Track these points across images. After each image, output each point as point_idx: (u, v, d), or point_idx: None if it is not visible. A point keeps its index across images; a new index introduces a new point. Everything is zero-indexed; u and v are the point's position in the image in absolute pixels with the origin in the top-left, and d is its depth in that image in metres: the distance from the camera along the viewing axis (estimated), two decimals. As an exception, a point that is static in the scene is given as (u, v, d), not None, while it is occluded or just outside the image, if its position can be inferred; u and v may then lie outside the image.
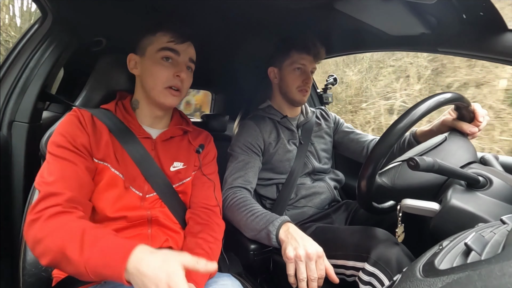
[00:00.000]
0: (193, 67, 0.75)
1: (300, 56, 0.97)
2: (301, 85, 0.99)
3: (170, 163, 0.73)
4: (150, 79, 0.69)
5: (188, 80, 0.72)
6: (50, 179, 0.57)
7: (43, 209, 0.53)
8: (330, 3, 0.79)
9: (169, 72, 0.68)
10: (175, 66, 0.69)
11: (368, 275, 0.64)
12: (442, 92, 0.62)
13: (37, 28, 0.85)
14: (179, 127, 0.77)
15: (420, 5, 0.72)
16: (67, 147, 0.60)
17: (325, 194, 1.02)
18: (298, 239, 0.68)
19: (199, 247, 0.65)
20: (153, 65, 0.68)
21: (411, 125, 0.58)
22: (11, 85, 0.81)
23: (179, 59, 0.69)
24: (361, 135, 1.10)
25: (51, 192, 0.55)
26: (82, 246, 0.48)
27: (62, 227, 0.51)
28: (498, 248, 0.29)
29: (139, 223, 0.66)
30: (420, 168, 0.52)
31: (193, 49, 0.74)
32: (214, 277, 0.64)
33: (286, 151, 1.00)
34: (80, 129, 0.63)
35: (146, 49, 0.70)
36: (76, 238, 0.49)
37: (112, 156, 0.65)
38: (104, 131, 0.66)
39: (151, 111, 0.73)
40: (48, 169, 0.59)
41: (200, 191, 0.76)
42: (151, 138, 0.71)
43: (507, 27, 0.70)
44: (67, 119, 0.64)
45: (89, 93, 0.80)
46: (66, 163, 0.59)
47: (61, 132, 0.62)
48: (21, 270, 0.64)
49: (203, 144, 0.79)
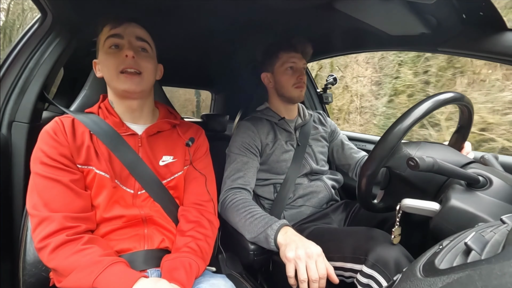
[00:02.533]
0: (148, 48, 0.71)
1: (289, 55, 0.99)
2: (296, 82, 0.99)
3: (159, 157, 0.72)
4: (105, 71, 0.68)
5: (144, 60, 0.68)
6: (40, 202, 0.58)
7: (43, 237, 0.56)
8: (330, 3, 0.79)
9: (118, 57, 0.66)
10: (122, 49, 0.68)
11: (366, 277, 0.64)
12: (443, 92, 0.62)
13: (36, 28, 0.85)
14: (166, 121, 0.75)
15: (420, 5, 0.72)
16: (48, 163, 0.61)
17: (323, 193, 1.02)
18: (297, 240, 0.68)
19: (186, 245, 0.64)
20: (104, 57, 0.68)
21: (412, 125, 0.58)
22: (11, 85, 0.81)
23: (124, 42, 0.68)
24: (354, 150, 1.13)
25: (44, 217, 0.57)
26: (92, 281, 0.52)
27: (70, 264, 0.54)
28: (498, 248, 0.29)
29: (134, 223, 0.66)
30: (420, 168, 0.52)
31: (140, 28, 0.71)
32: (207, 277, 0.63)
33: (283, 151, 1.00)
34: (56, 140, 0.63)
35: (99, 47, 0.71)
36: (87, 274, 0.53)
37: (95, 159, 0.65)
38: (86, 134, 0.66)
39: (124, 105, 0.71)
40: (37, 192, 0.59)
41: (192, 187, 0.75)
42: (136, 135, 0.70)
43: (507, 27, 0.70)
44: (42, 134, 0.64)
45: (89, 93, 0.80)
46: (51, 182, 0.60)
47: (40, 148, 0.62)
48: (21, 270, 0.64)
49: (193, 137, 0.78)
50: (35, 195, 0.59)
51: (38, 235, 0.56)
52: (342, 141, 1.15)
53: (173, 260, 0.61)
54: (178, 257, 0.61)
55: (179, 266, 0.59)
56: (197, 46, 1.26)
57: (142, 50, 0.70)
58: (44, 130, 0.65)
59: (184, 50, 1.35)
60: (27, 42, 0.84)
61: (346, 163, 1.12)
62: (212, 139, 1.43)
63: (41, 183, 0.60)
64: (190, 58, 1.51)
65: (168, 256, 0.63)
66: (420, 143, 0.67)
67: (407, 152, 0.64)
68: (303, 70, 1.02)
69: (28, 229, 0.67)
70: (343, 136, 1.18)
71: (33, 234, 0.57)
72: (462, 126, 0.73)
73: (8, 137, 0.79)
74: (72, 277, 0.53)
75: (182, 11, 0.91)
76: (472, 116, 0.70)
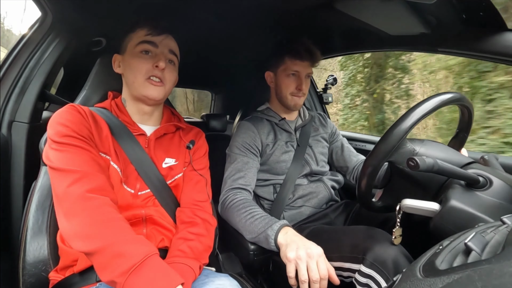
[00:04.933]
0: (175, 61, 0.74)
1: (293, 62, 0.98)
2: (295, 91, 0.99)
3: (162, 159, 0.73)
4: (130, 73, 0.69)
5: (170, 72, 0.71)
6: (70, 166, 0.54)
7: (90, 190, 0.52)
8: (330, 3, 0.79)
9: (148, 63, 0.68)
10: (154, 58, 0.69)
11: (364, 276, 0.64)
12: (444, 92, 0.62)
13: (36, 28, 0.85)
14: (172, 124, 0.77)
15: (419, 5, 0.72)
16: (73, 135, 0.58)
17: (322, 193, 1.02)
18: (297, 241, 0.68)
19: (177, 249, 0.64)
20: (133, 59, 0.69)
21: (413, 126, 0.58)
22: (11, 85, 0.81)
23: (157, 51, 0.70)
24: (353, 153, 1.13)
25: (86, 172, 0.54)
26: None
27: (117, 229, 0.51)
28: (498, 248, 0.29)
29: (134, 223, 0.66)
30: (420, 168, 0.52)
31: (174, 41, 0.74)
32: (211, 277, 0.63)
33: (283, 152, 1.00)
34: (82, 120, 0.61)
35: (127, 46, 0.71)
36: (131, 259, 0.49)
37: (113, 151, 0.65)
38: (104, 125, 0.66)
39: (138, 107, 0.72)
40: (62, 157, 0.55)
41: (189, 188, 0.75)
42: (145, 135, 0.72)
43: (507, 27, 0.70)
44: (66, 110, 0.62)
45: (89, 93, 0.80)
46: (79, 149, 0.57)
47: (63, 123, 0.58)
48: (21, 270, 0.64)
49: (194, 140, 0.79)
50: (65, 156, 0.55)
51: (85, 186, 0.53)
52: (342, 143, 1.15)
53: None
54: (170, 262, 0.60)
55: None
56: (197, 46, 1.26)
57: (170, 62, 0.72)
58: (63, 111, 0.61)
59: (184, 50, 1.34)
60: (27, 42, 0.84)
61: (344, 166, 1.12)
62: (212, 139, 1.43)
63: (71, 150, 0.56)
64: (190, 58, 1.51)
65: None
66: (424, 140, 0.67)
67: (411, 147, 0.64)
68: (306, 79, 1.01)
69: (28, 229, 0.67)
70: (343, 139, 1.18)
71: (75, 185, 0.52)
72: (461, 130, 0.74)
73: (8, 137, 0.79)
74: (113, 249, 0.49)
75: (183, 11, 0.91)
76: (472, 117, 0.70)
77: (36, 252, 0.65)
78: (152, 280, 0.48)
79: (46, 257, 0.65)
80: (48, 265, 0.65)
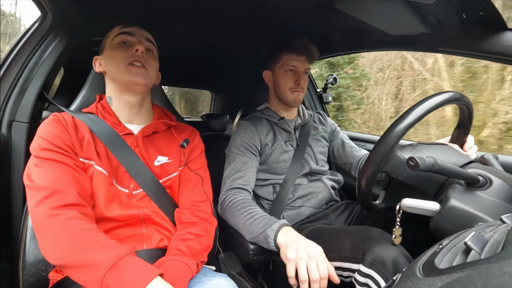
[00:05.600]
0: (154, 50, 0.75)
1: (290, 57, 0.98)
2: (293, 86, 0.99)
3: (154, 157, 0.72)
4: (112, 64, 0.70)
5: (151, 60, 0.72)
6: (49, 178, 0.57)
7: (58, 206, 0.54)
8: (329, 2, 0.79)
9: (127, 51, 0.69)
10: (132, 46, 0.70)
11: (364, 276, 0.64)
12: (443, 91, 0.62)
13: (36, 28, 0.85)
14: (162, 121, 0.76)
15: (420, 4, 0.72)
16: (51, 149, 0.60)
17: (322, 193, 1.01)
18: (298, 241, 0.68)
19: (174, 247, 0.64)
20: (112, 51, 0.70)
21: (412, 125, 0.58)
22: (10, 85, 0.81)
23: (134, 40, 0.71)
24: (354, 149, 1.12)
25: (57, 189, 0.55)
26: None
27: (82, 240, 0.52)
28: (498, 247, 0.29)
29: (133, 223, 0.66)
30: (420, 168, 0.52)
31: (148, 33, 0.75)
32: (209, 276, 0.63)
33: (283, 152, 1.00)
34: (60, 130, 0.63)
35: (105, 44, 0.73)
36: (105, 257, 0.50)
37: (95, 154, 0.65)
38: (86, 130, 0.66)
39: (124, 101, 0.72)
40: (38, 173, 0.57)
41: (187, 189, 0.75)
42: (132, 134, 0.71)
43: (507, 27, 0.70)
44: (45, 124, 0.64)
45: (89, 93, 0.80)
46: (55, 164, 0.59)
47: (42, 136, 0.61)
48: (20, 270, 0.64)
49: (188, 139, 0.79)
50: (36, 177, 0.57)
51: (50, 204, 0.54)
52: (343, 139, 1.15)
53: (161, 266, 0.59)
54: (167, 260, 0.60)
55: (167, 271, 0.57)
56: (197, 45, 1.26)
57: (148, 51, 0.73)
58: (45, 122, 0.64)
59: (184, 50, 1.35)
60: (27, 41, 0.84)
61: (347, 162, 1.11)
62: (212, 139, 1.43)
63: (46, 165, 0.58)
64: (190, 58, 1.51)
65: (157, 262, 0.62)
66: (417, 145, 0.67)
67: (402, 156, 0.64)
68: (304, 74, 1.01)
69: (28, 229, 0.67)
70: (343, 135, 1.17)
71: (40, 205, 0.54)
72: (461, 130, 0.74)
73: (8, 137, 0.79)
74: (85, 256, 0.51)
75: (182, 11, 0.91)
76: (472, 115, 0.70)
77: (36, 252, 0.65)
78: (128, 279, 0.49)
79: None
80: (48, 265, 0.65)
